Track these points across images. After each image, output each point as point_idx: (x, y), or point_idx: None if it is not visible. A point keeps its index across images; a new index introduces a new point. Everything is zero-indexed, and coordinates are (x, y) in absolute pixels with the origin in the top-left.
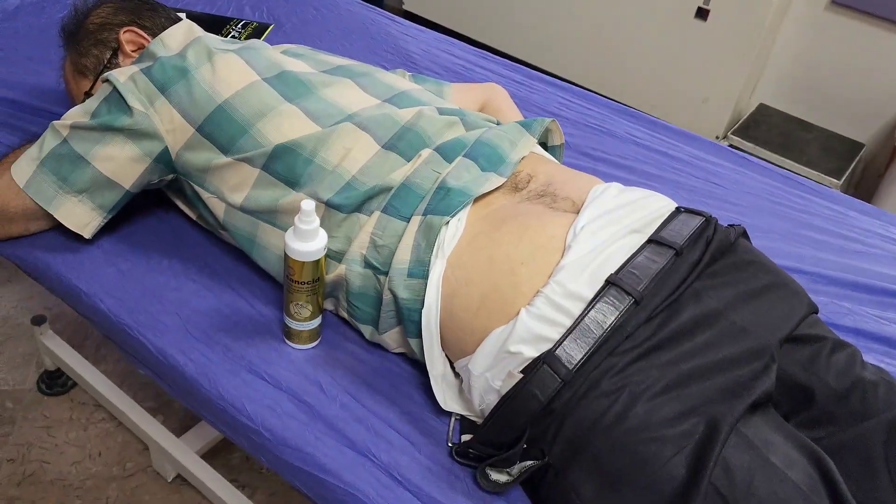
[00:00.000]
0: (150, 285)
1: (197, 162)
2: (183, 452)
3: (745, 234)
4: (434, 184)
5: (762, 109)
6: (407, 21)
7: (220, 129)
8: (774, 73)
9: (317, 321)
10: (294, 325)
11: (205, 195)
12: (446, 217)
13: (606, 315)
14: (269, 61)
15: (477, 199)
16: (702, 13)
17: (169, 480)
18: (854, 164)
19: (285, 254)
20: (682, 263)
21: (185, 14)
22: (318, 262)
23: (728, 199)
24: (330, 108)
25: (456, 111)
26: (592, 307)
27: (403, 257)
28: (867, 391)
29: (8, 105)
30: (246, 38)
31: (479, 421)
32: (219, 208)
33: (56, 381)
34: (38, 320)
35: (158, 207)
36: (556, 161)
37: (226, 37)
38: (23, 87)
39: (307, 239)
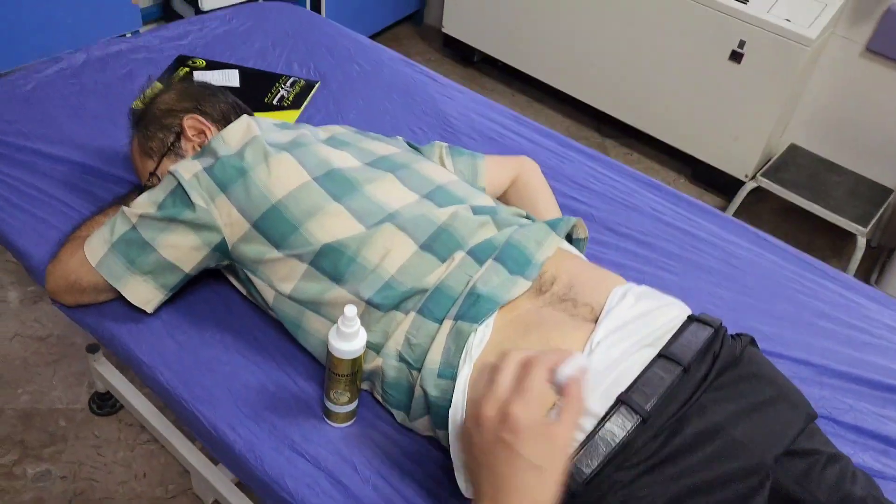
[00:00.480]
0: (203, 358)
1: (250, 253)
2: (219, 479)
3: (753, 342)
4: (465, 287)
5: (792, 150)
6: (446, 80)
7: (273, 226)
8: (806, 115)
9: (354, 404)
10: (333, 407)
11: (256, 281)
12: (475, 325)
13: (616, 433)
14: (317, 158)
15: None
16: (736, 56)
17: None
18: (882, 210)
19: (328, 350)
20: (689, 380)
21: (237, 71)
22: (357, 358)
23: (744, 281)
24: (372, 207)
25: (488, 210)
26: (603, 425)
27: (435, 358)
28: None
29: (78, 168)
30: (294, 96)
31: None
32: (268, 294)
33: (106, 402)
34: (92, 349)
35: (214, 281)
36: (580, 255)
37: (275, 95)
38: (90, 148)
39: (348, 340)
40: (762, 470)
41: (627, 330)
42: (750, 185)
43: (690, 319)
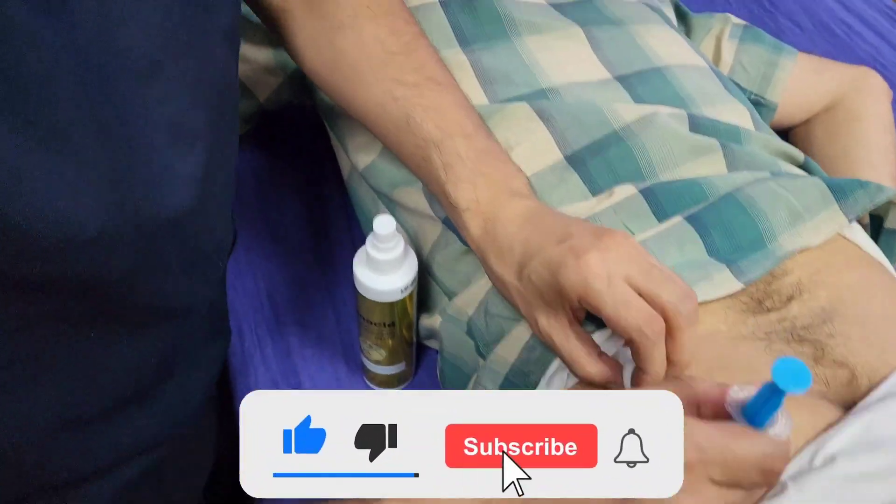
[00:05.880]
0: None
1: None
2: None
3: None
4: None
5: None
6: None
7: None
8: None
9: (397, 367)
10: (367, 363)
11: (333, 140)
12: (590, 326)
13: None
14: None
15: None
16: None
17: None
18: None
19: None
20: None
21: None
22: (398, 302)
23: None
24: (519, 70)
25: (724, 129)
26: None
27: (508, 351)
28: None
29: None
30: None
31: None
32: (343, 163)
33: None
34: None
35: None
36: (885, 263)
37: None
38: None
39: (380, 271)
40: None
41: None
42: None
43: None
